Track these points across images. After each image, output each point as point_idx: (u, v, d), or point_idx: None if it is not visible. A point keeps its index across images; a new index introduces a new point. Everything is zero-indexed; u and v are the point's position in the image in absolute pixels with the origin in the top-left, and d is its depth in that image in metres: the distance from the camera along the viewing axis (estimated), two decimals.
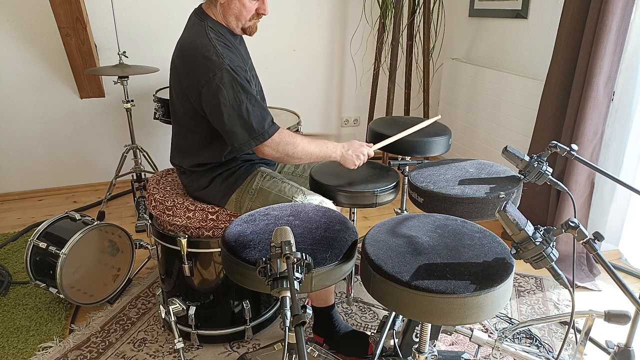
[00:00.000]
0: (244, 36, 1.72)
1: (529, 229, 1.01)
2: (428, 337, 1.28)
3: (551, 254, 1.01)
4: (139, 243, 2.19)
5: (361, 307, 2.07)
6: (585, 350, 1.77)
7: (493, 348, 1.59)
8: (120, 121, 3.23)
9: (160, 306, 1.81)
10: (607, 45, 2.05)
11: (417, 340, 1.52)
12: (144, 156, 2.92)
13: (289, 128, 2.06)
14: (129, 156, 2.85)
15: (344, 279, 1.56)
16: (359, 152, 1.66)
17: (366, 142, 1.74)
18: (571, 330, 1.89)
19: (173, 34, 1.66)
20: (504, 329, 1.72)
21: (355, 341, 1.75)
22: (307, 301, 1.86)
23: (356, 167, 1.68)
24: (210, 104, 1.52)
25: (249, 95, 1.51)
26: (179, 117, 1.68)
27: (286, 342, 0.86)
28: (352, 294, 2.10)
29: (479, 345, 1.61)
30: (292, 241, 0.94)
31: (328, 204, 1.61)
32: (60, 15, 2.69)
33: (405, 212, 2.06)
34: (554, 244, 1.02)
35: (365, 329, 1.94)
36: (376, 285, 1.07)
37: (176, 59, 1.61)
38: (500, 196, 1.44)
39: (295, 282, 0.88)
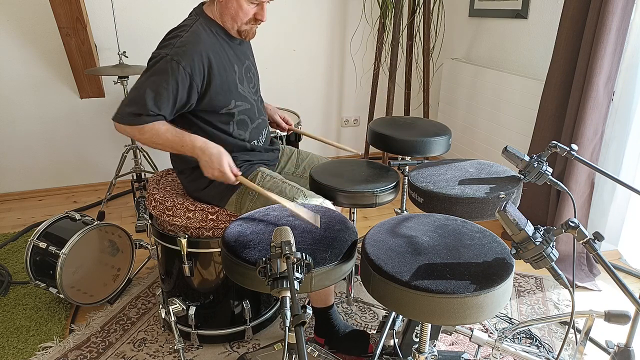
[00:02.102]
0: None
1: (529, 229, 1.01)
2: (428, 337, 1.28)
3: (551, 254, 1.01)
4: (139, 243, 2.19)
5: (361, 307, 2.07)
6: (585, 350, 1.77)
7: (493, 348, 1.59)
8: None
9: (160, 306, 1.81)
10: (607, 45, 2.05)
11: (417, 340, 1.52)
12: (144, 156, 2.92)
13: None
14: (129, 156, 2.85)
15: (344, 279, 1.56)
16: (212, 164, 1.50)
17: (366, 141, 1.73)
18: (571, 330, 1.89)
19: None
20: (504, 329, 1.72)
21: (355, 340, 1.75)
22: (306, 301, 1.86)
23: (212, 177, 1.54)
24: None
25: (159, 91, 1.48)
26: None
27: (286, 342, 0.86)
28: (352, 294, 2.10)
29: (479, 345, 1.61)
30: (292, 241, 0.94)
31: (328, 205, 1.61)
32: (60, 15, 2.69)
33: (405, 212, 2.05)
34: (554, 244, 1.02)
35: (365, 329, 1.94)
36: (376, 285, 1.07)
37: None
38: (500, 196, 1.44)
39: (295, 282, 0.88)
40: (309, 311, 0.96)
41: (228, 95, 1.62)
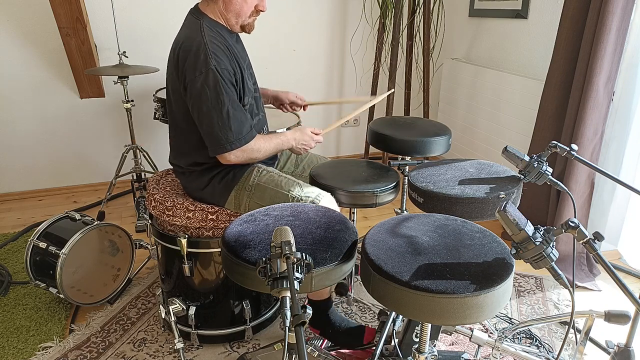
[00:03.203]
0: (241, 34, 1.74)
1: (529, 229, 1.01)
2: (428, 337, 1.28)
3: (551, 254, 1.01)
4: (139, 243, 2.19)
5: (361, 307, 2.07)
6: (585, 350, 1.77)
7: (493, 348, 1.59)
8: (120, 121, 3.23)
9: (160, 306, 1.81)
10: (607, 45, 2.05)
11: (417, 340, 1.52)
12: (144, 156, 2.92)
13: (288, 128, 2.06)
14: (129, 156, 2.85)
15: (344, 279, 1.56)
16: (305, 142, 1.77)
17: (366, 141, 1.75)
18: (571, 330, 1.89)
19: (173, 34, 1.67)
20: (504, 329, 1.72)
21: (348, 334, 1.75)
22: (306, 301, 1.85)
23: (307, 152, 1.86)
24: (193, 103, 1.54)
25: (231, 99, 1.53)
26: (175, 116, 1.69)
27: (286, 342, 0.86)
28: (352, 294, 2.10)
29: (479, 345, 1.61)
30: (292, 241, 0.94)
31: (326, 196, 1.61)
32: (60, 15, 2.69)
33: (405, 212, 2.06)
34: (554, 244, 1.02)
35: None
36: (376, 285, 1.07)
37: (171, 57, 1.63)
38: (500, 196, 1.44)
39: (295, 282, 0.88)
40: (309, 311, 0.96)
41: (245, 91, 1.65)
